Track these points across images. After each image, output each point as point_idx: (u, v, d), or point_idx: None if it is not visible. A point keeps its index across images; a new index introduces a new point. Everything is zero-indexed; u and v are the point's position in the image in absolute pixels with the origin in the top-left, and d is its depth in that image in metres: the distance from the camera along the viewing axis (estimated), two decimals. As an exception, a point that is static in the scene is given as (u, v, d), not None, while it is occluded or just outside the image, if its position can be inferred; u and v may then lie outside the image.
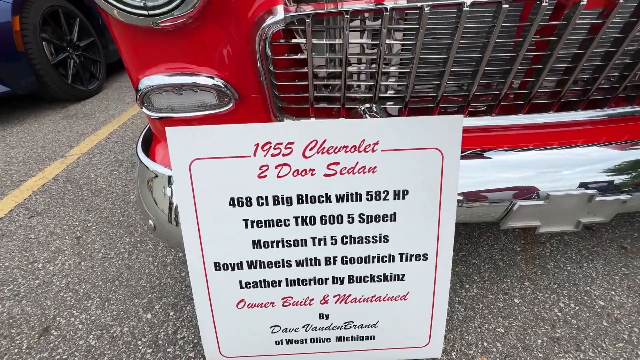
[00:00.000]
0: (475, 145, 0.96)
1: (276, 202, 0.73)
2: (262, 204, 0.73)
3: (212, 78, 0.84)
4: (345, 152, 0.70)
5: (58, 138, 2.32)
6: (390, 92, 0.90)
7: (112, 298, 1.11)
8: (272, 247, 0.76)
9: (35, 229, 1.45)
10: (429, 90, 0.89)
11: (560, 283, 1.09)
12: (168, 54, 0.81)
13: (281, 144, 0.69)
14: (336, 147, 0.69)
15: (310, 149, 0.69)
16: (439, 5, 0.72)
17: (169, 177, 0.87)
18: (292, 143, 0.69)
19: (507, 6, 0.72)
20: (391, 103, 0.92)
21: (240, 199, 0.73)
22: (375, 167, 0.71)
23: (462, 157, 0.86)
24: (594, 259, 1.17)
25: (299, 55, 0.81)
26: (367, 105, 0.82)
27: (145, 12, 0.71)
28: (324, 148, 0.70)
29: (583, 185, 0.86)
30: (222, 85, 0.85)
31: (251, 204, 0.73)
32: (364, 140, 0.69)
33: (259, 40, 0.76)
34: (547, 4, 0.72)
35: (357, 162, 0.71)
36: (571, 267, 1.14)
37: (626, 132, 0.97)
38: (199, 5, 0.72)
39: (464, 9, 0.71)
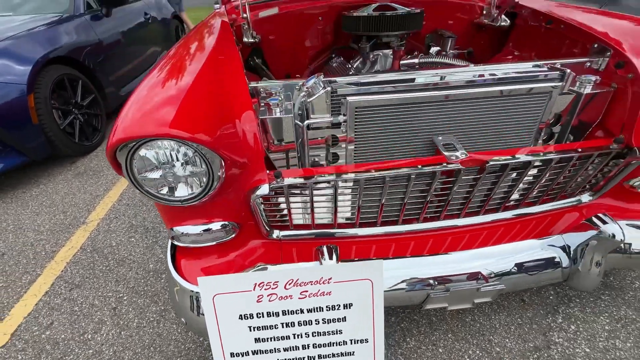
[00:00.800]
0: (398, 243, 1.40)
1: (269, 315, 1.14)
2: (260, 317, 1.14)
3: (221, 221, 1.25)
4: (311, 284, 1.11)
5: (75, 201, 2.67)
6: (345, 222, 1.32)
7: (150, 362, 1.51)
8: (268, 341, 1.17)
9: (77, 301, 1.83)
10: (372, 214, 1.31)
11: (472, 334, 1.53)
12: (191, 215, 1.21)
13: (270, 282, 1.10)
14: (305, 282, 1.11)
15: (289, 284, 1.11)
16: (372, 179, 1.14)
17: (192, 291, 1.26)
18: (278, 282, 1.10)
19: (414, 176, 1.14)
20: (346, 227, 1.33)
21: (245, 315, 1.14)
22: (330, 292, 1.13)
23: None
24: (500, 312, 1.62)
25: (278, 200, 1.23)
26: (327, 246, 1.24)
27: (179, 203, 1.10)
28: (298, 283, 1.11)
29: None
30: (229, 225, 1.26)
31: (253, 317, 1.14)
32: (322, 277, 1.11)
33: (254, 200, 1.17)
34: (439, 174, 1.15)
35: (319, 290, 1.12)
36: (482, 320, 1.59)
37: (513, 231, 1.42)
38: (216, 189, 1.11)
39: (387, 179, 1.13)
